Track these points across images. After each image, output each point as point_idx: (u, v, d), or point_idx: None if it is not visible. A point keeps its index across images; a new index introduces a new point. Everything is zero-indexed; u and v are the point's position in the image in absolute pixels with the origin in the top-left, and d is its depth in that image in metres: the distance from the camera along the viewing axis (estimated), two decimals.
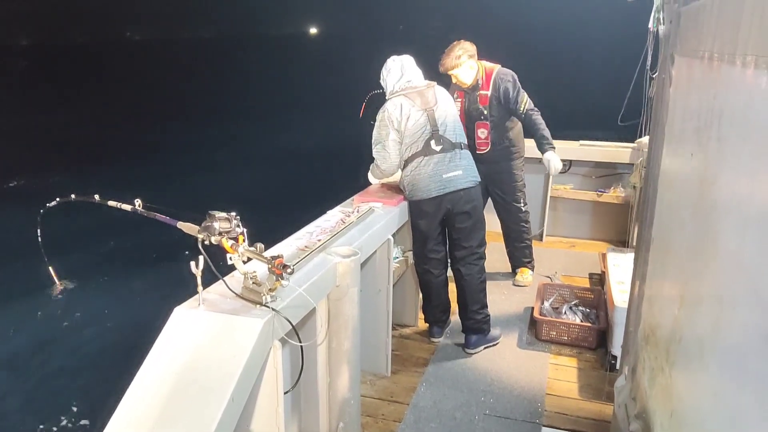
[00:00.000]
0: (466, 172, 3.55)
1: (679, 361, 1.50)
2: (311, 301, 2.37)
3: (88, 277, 8.07)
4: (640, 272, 2.33)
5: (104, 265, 8.48)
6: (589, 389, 3.40)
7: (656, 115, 2.31)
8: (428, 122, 3.48)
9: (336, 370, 2.79)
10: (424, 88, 3.53)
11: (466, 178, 3.54)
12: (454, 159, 3.51)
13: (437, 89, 3.58)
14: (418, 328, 4.11)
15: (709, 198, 1.37)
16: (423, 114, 3.48)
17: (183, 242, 2.20)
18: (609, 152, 5.62)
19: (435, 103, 3.51)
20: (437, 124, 3.49)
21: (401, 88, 3.52)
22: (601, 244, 5.50)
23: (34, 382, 5.83)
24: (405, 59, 3.60)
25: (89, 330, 6.47)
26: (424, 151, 3.48)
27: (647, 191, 2.35)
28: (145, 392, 1.92)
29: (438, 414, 3.18)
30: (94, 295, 7.48)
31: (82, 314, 6.78)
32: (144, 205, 2.32)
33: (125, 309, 7.06)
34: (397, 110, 3.47)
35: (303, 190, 10.79)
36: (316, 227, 3.11)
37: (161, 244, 7.85)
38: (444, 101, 3.58)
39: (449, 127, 3.52)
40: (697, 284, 1.42)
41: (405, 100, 3.48)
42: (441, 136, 3.49)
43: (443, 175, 3.49)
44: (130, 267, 8.35)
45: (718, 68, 1.41)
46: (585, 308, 4.08)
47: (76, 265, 8.39)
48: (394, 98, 3.52)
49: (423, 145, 3.48)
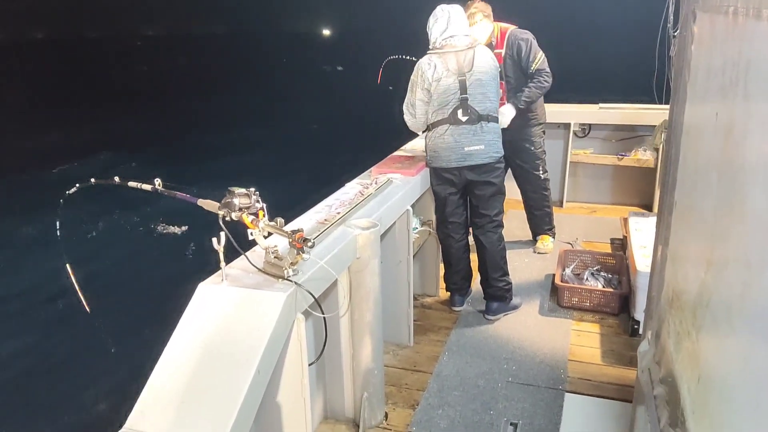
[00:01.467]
0: (488, 147, 3.48)
1: (707, 325, 1.49)
2: (333, 273, 2.39)
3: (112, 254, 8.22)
4: (663, 236, 2.30)
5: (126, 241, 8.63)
6: (612, 355, 3.40)
7: (678, 75, 2.25)
8: (459, 89, 3.41)
9: (359, 341, 2.81)
10: (464, 49, 3.42)
11: (487, 153, 3.49)
12: (477, 132, 3.45)
13: (478, 51, 3.44)
14: (439, 297, 4.13)
15: (736, 158, 1.34)
16: (455, 80, 3.40)
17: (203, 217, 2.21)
18: (629, 114, 5.53)
19: (470, 68, 3.40)
20: (467, 91, 3.41)
21: (441, 45, 3.44)
22: (623, 208, 5.43)
23: (60, 357, 5.97)
24: (453, 10, 3.48)
25: (119, 308, 6.60)
26: (449, 119, 3.44)
27: (669, 153, 2.30)
28: (173, 367, 1.96)
29: (461, 382, 3.20)
30: (119, 275, 7.63)
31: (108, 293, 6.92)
32: (164, 184, 2.33)
33: (150, 285, 7.18)
34: (430, 70, 3.41)
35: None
36: (335, 200, 3.11)
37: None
38: (481, 66, 3.43)
39: (479, 97, 3.43)
40: (724, 247, 1.39)
41: (439, 62, 3.41)
42: (469, 105, 3.41)
43: (465, 147, 3.45)
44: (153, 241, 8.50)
45: (743, 23, 1.36)
46: (607, 274, 4.06)
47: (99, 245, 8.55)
48: (430, 56, 3.45)
49: (450, 112, 3.43)
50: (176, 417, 1.83)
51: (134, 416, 1.87)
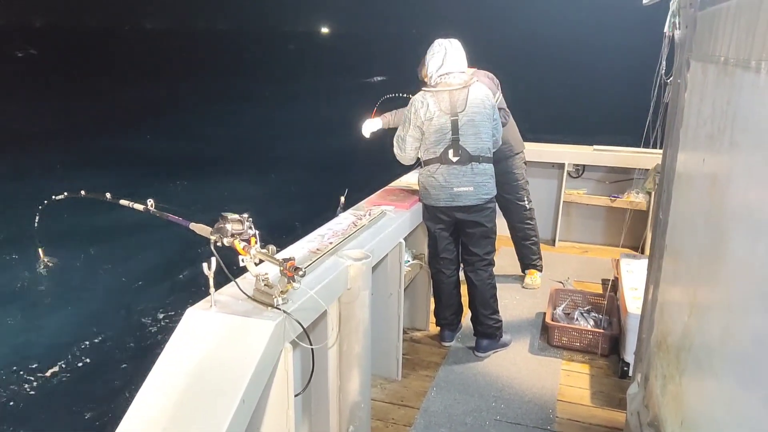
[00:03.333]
0: (478, 188, 3.48)
1: (690, 368, 1.49)
2: (322, 303, 2.38)
3: (99, 274, 8.15)
4: (653, 278, 2.32)
5: (117, 263, 8.56)
6: (602, 396, 3.38)
7: (671, 121, 2.29)
8: (450, 129, 3.42)
9: (346, 374, 2.79)
10: (458, 89, 3.42)
11: (476, 195, 3.48)
12: (467, 173, 3.45)
13: (472, 90, 3.44)
14: (429, 332, 4.11)
15: (720, 204, 1.37)
16: (447, 119, 3.41)
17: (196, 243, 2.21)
18: (623, 157, 5.59)
19: (463, 108, 3.41)
20: (459, 132, 3.42)
21: (435, 83, 3.47)
22: (615, 249, 5.45)
23: (43, 382, 5.88)
24: (451, 46, 3.50)
25: (102, 331, 6.53)
26: (441, 158, 3.46)
27: (661, 197, 2.34)
28: (157, 393, 1.94)
29: (449, 419, 3.17)
30: (105, 295, 7.56)
31: (93, 314, 6.84)
32: (156, 205, 2.34)
33: (138, 309, 7.12)
34: (423, 109, 3.43)
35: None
36: (328, 230, 3.12)
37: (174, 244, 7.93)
38: (474, 106, 3.43)
39: (471, 137, 3.43)
40: (707, 291, 1.41)
41: (432, 101, 3.42)
42: (460, 146, 3.42)
43: (454, 188, 3.47)
44: (144, 267, 8.42)
45: (732, 73, 1.40)
46: (597, 314, 4.06)
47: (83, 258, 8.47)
48: (424, 93, 3.47)
49: (441, 152, 3.45)
50: None
51: None
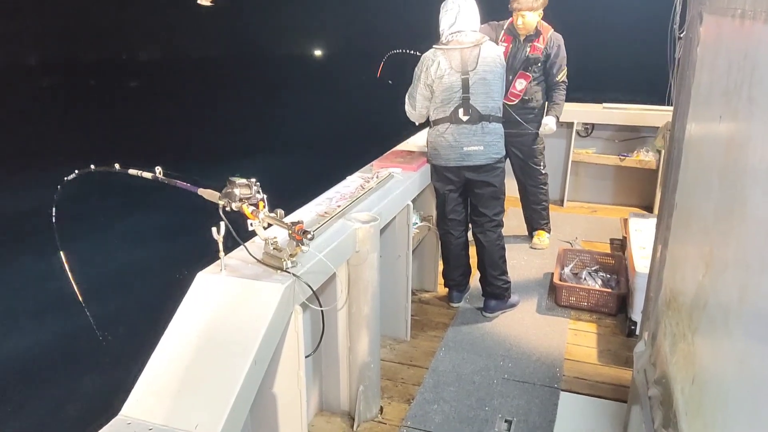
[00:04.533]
0: (488, 148, 3.46)
1: (703, 327, 1.49)
2: (331, 266, 2.39)
3: (110, 239, 8.20)
4: (662, 238, 2.30)
5: (125, 229, 8.61)
6: (608, 354, 3.40)
7: (682, 77, 2.24)
8: (461, 87, 3.37)
9: (356, 335, 2.82)
10: (469, 47, 3.36)
11: (486, 154, 3.47)
12: (478, 133, 3.42)
13: (483, 49, 3.38)
14: (437, 293, 4.13)
15: (738, 161, 1.34)
16: (458, 77, 3.37)
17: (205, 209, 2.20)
18: (632, 115, 5.51)
19: (474, 66, 3.35)
20: (470, 90, 3.38)
21: (447, 40, 3.40)
22: (623, 209, 5.43)
23: (55, 345, 5.96)
24: (465, 4, 3.41)
25: (111, 296, 6.60)
26: (451, 117, 3.42)
27: (672, 155, 2.30)
28: (170, 356, 1.96)
29: (457, 378, 3.21)
30: (114, 262, 7.61)
31: (102, 281, 6.90)
32: (164, 172, 2.33)
33: (148, 274, 7.17)
34: (433, 67, 3.39)
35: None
36: (336, 193, 3.11)
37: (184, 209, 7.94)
38: (486, 65, 3.38)
39: (482, 96, 3.39)
40: (723, 250, 1.39)
41: (443, 58, 3.37)
42: (471, 105, 3.39)
43: (464, 147, 3.44)
44: (152, 232, 8.47)
45: (749, 26, 1.36)
46: (605, 274, 4.06)
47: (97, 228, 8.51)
48: (435, 51, 3.42)
49: (451, 110, 3.41)
50: (172, 406, 1.84)
51: (130, 404, 1.87)
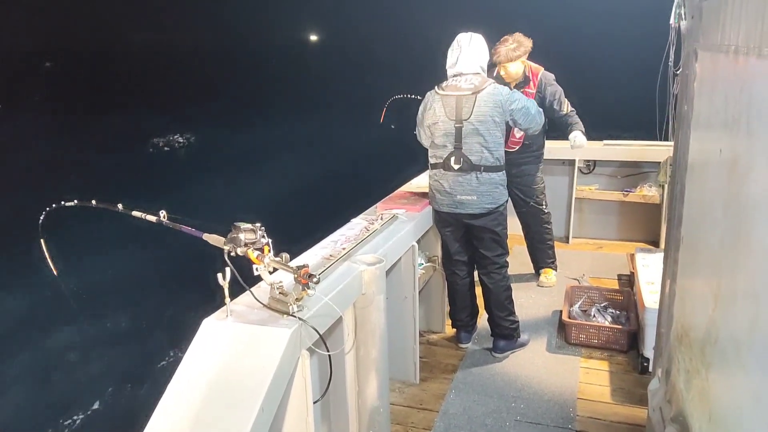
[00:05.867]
0: (481, 198, 3.42)
1: (716, 362, 1.47)
2: (337, 310, 2.37)
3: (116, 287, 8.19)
4: (670, 272, 2.29)
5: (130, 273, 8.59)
6: (622, 393, 3.34)
7: (681, 112, 2.27)
8: (454, 136, 3.36)
9: (364, 379, 2.78)
10: (466, 94, 3.31)
11: (479, 204, 3.43)
12: (471, 182, 3.40)
13: (480, 98, 3.30)
14: (445, 334, 4.09)
15: (741, 193, 1.34)
16: (451, 126, 3.36)
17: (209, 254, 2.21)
18: (634, 151, 5.55)
19: (469, 116, 3.31)
20: (462, 140, 3.35)
21: (445, 84, 3.40)
22: (629, 244, 5.41)
23: (59, 392, 5.90)
24: (467, 46, 3.36)
25: (121, 343, 6.56)
26: (444, 164, 3.44)
27: (675, 189, 2.31)
28: (177, 404, 1.94)
29: (468, 421, 3.15)
30: (124, 307, 7.59)
31: (112, 326, 6.89)
32: (169, 216, 2.34)
33: (155, 321, 7.15)
34: (430, 111, 3.44)
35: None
36: (341, 236, 3.11)
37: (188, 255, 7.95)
38: (481, 114, 3.30)
39: (475, 146, 3.35)
40: (731, 282, 1.39)
41: (438, 104, 3.38)
42: (463, 154, 3.36)
43: (457, 196, 3.45)
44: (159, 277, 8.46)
45: (743, 61, 1.38)
46: (614, 310, 4.02)
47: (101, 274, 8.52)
48: (434, 95, 3.44)
49: (444, 157, 3.43)
50: None
51: None
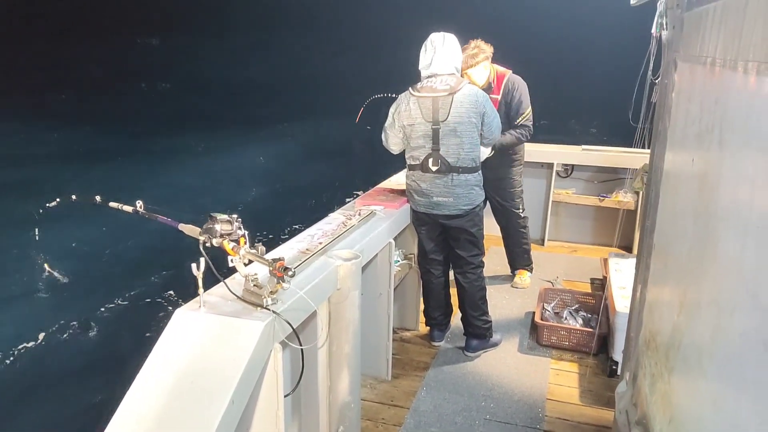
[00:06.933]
0: (457, 200, 3.43)
1: (678, 367, 1.50)
2: (312, 304, 2.37)
3: (90, 275, 8.07)
4: (641, 277, 2.33)
5: (106, 265, 8.48)
6: (590, 395, 3.39)
7: (658, 121, 2.31)
8: (431, 138, 3.35)
9: (336, 374, 2.78)
10: (443, 95, 3.28)
11: (456, 206, 3.45)
12: (447, 185, 3.40)
13: (456, 98, 3.28)
14: (419, 332, 4.11)
15: (709, 203, 1.37)
16: (428, 128, 3.34)
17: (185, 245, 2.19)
18: (611, 157, 5.62)
19: (446, 117, 3.29)
20: (440, 142, 3.35)
21: (420, 86, 3.36)
22: (603, 249, 5.49)
23: (31, 385, 5.81)
24: (441, 46, 3.33)
25: (88, 332, 6.48)
26: (421, 166, 3.43)
27: (649, 196, 2.35)
28: (146, 394, 1.92)
29: (438, 418, 3.17)
30: (97, 296, 7.49)
31: (82, 315, 6.78)
32: (145, 206, 2.32)
33: (127, 310, 7.06)
34: (406, 112, 3.39)
35: None
36: (318, 230, 3.11)
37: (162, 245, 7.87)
38: (458, 115, 3.29)
39: (453, 147, 3.35)
40: (696, 290, 1.42)
41: (415, 106, 3.34)
42: (440, 155, 3.36)
43: (434, 197, 3.46)
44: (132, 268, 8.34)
45: (720, 74, 1.41)
46: (586, 313, 4.08)
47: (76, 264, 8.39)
48: (409, 96, 3.38)
49: (422, 159, 3.42)
50: None
51: None
